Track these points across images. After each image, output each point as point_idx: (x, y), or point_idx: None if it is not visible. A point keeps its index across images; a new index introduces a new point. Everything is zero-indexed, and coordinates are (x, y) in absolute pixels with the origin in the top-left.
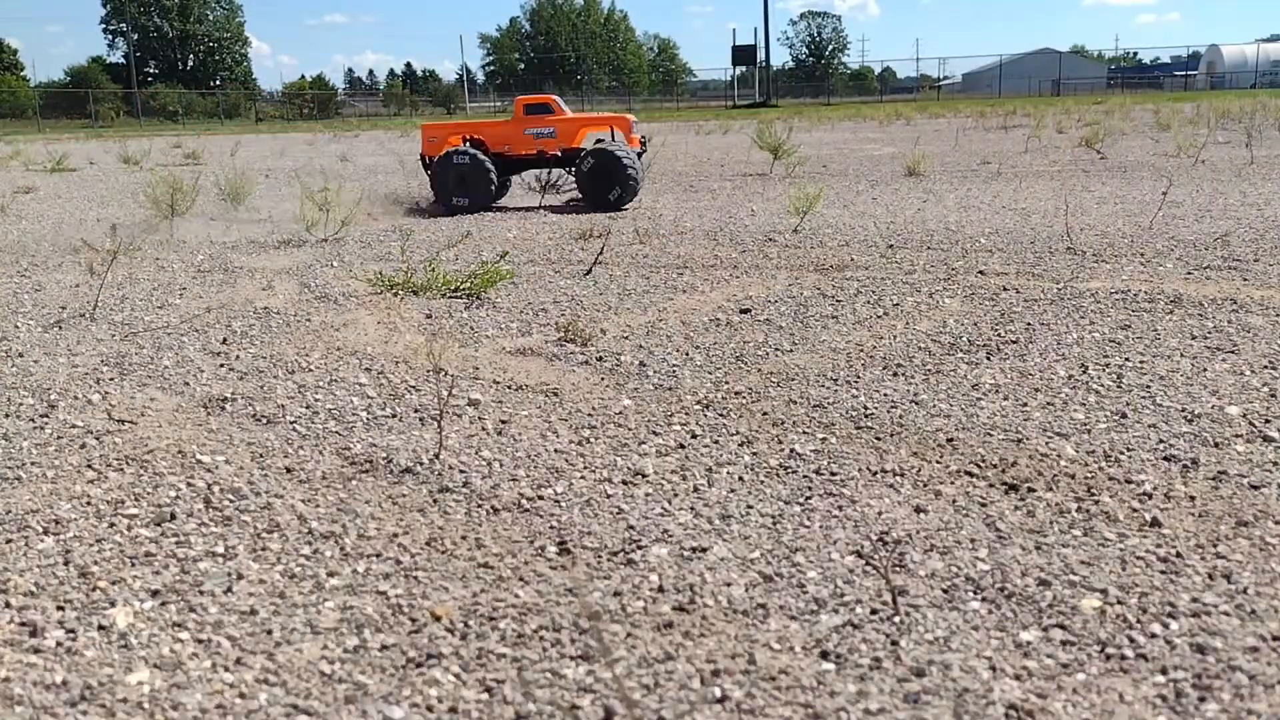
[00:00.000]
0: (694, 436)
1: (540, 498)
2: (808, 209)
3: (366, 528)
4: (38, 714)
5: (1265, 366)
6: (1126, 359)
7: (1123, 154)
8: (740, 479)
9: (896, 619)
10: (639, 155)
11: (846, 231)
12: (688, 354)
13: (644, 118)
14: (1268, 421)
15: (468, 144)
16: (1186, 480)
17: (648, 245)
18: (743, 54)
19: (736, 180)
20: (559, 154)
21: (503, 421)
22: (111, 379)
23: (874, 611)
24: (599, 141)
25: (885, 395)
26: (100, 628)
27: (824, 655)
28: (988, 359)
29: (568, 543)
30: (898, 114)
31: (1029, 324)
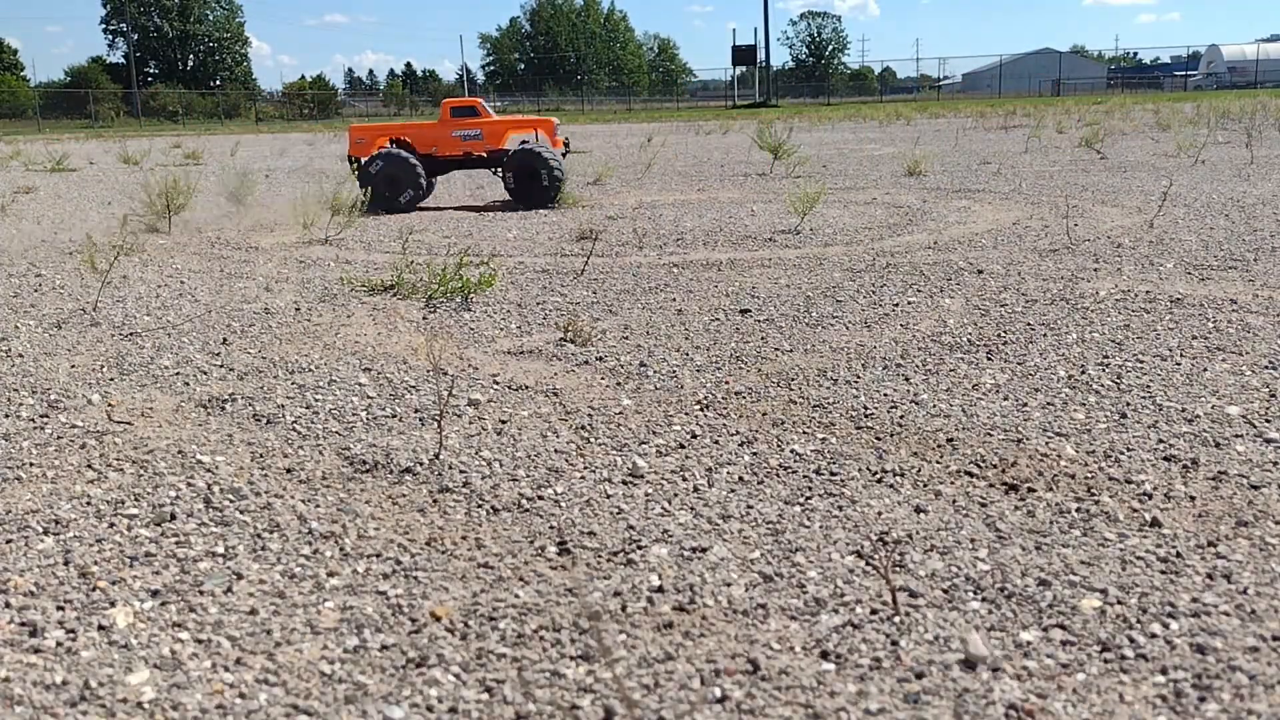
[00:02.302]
0: (694, 436)
1: (540, 498)
2: (808, 209)
3: (366, 528)
4: (38, 714)
5: (1265, 366)
6: (1126, 359)
7: (1123, 154)
8: (740, 479)
9: (896, 619)
10: (563, 155)
11: (847, 231)
12: (688, 354)
13: (644, 118)
14: (1268, 421)
15: (393, 146)
16: (1186, 480)
17: (647, 246)
18: (743, 54)
19: (737, 180)
20: (485, 155)
21: (502, 421)
22: (111, 379)
23: (874, 611)
24: (524, 143)
25: (885, 395)
26: (100, 628)
27: (824, 655)
28: (988, 359)
29: (568, 543)
30: (898, 114)
31: (1029, 324)
